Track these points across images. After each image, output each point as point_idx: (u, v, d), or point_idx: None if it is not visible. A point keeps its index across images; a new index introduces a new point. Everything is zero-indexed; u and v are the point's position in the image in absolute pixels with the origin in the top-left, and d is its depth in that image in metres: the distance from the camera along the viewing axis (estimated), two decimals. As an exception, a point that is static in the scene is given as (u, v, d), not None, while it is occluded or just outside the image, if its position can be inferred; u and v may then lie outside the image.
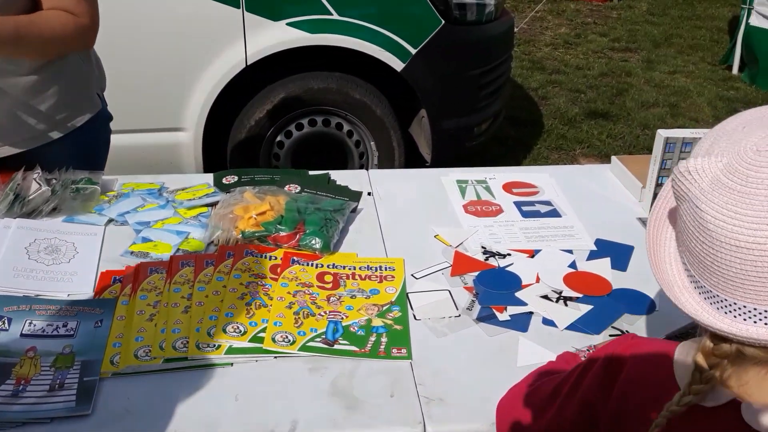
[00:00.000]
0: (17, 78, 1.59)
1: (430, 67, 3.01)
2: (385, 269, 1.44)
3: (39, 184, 1.57)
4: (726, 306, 0.73)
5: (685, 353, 0.83)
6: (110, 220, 1.56)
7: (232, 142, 3.07)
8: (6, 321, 1.19)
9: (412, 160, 3.31)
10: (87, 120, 1.74)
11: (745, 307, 0.72)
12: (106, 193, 1.66)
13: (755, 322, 0.72)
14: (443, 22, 2.95)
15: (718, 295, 0.74)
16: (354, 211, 1.65)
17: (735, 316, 0.73)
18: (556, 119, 4.71)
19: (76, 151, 1.72)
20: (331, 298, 1.34)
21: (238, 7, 2.77)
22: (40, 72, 1.62)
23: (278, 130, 3.08)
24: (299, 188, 1.71)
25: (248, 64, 2.87)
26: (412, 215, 1.66)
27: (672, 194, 0.82)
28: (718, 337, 0.75)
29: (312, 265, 1.44)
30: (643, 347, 0.90)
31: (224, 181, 1.75)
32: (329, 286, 1.38)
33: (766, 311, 0.71)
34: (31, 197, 1.55)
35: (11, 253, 1.38)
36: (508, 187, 1.80)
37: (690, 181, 0.74)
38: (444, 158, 3.19)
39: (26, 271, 1.34)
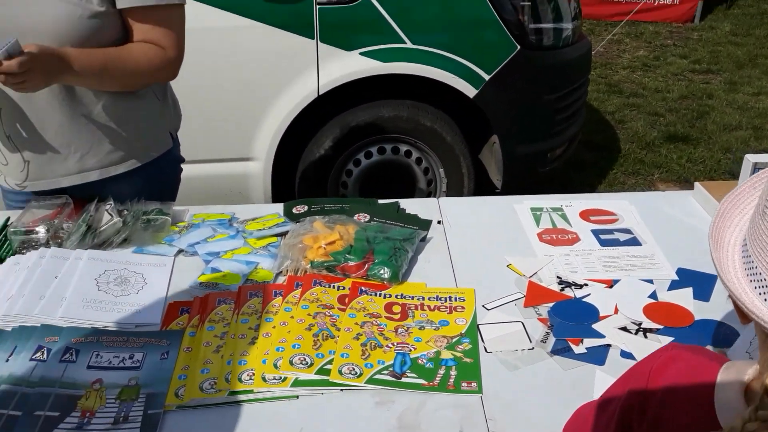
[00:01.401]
0: (94, 106, 1.63)
1: (504, 92, 2.95)
2: (455, 300, 1.39)
3: (110, 215, 1.59)
4: None
5: (733, 375, 0.77)
6: (180, 251, 1.57)
7: (300, 170, 3.09)
8: (74, 353, 1.20)
9: (482, 186, 3.25)
10: (156, 157, 1.77)
11: None
12: (176, 223, 1.67)
13: None
14: (519, 47, 2.90)
15: None
16: (424, 240, 1.61)
17: None
18: (633, 143, 4.56)
19: (145, 186, 1.74)
20: (399, 330, 1.30)
21: (313, 38, 2.80)
22: (118, 102, 1.66)
23: (347, 158, 3.08)
24: (368, 217, 1.68)
25: (320, 93, 2.89)
26: (483, 244, 1.61)
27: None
28: None
29: (380, 295, 1.41)
30: (682, 361, 0.86)
31: (294, 210, 1.74)
32: (397, 317, 1.34)
33: None
34: (102, 228, 1.57)
35: (81, 284, 1.39)
36: (585, 215, 1.72)
37: None
38: (516, 184, 3.11)
39: (95, 302, 1.35)
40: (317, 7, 2.76)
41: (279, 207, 1.79)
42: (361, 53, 2.85)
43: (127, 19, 1.58)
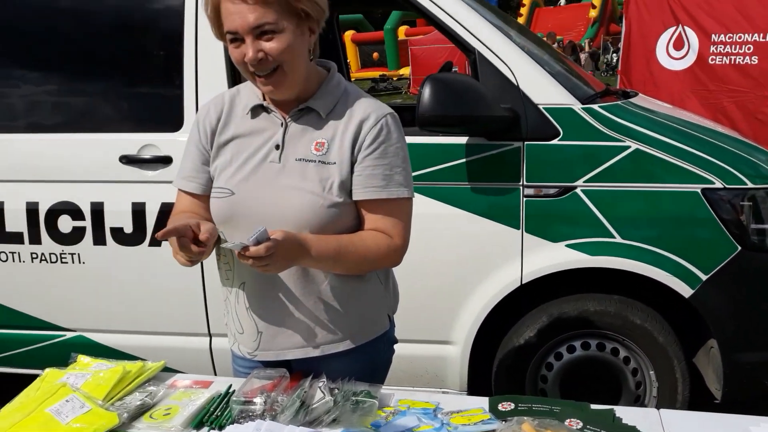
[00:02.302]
0: (324, 286, 1.74)
1: (723, 294, 2.74)
2: None
3: (323, 393, 1.63)
4: None
5: None
6: (385, 438, 1.54)
7: (499, 358, 3.00)
8: None
9: (698, 395, 2.94)
10: (373, 338, 1.82)
11: None
12: (382, 407, 1.66)
13: None
14: (739, 248, 2.72)
15: None
16: (647, 458, 1.45)
17: None
18: None
19: (358, 366, 1.79)
20: None
21: (518, 228, 2.82)
22: (345, 284, 1.76)
23: (548, 350, 2.96)
24: (581, 424, 1.56)
25: (523, 282, 2.85)
26: (719, 472, 1.41)
27: None
28: None
29: None
30: None
31: (500, 407, 1.66)
32: None
33: None
34: (314, 406, 1.61)
35: (293, 463, 1.39)
36: None
37: None
38: (739, 397, 2.79)
39: (305, 484, 1.33)
40: (524, 199, 2.81)
41: (484, 401, 1.72)
42: (567, 245, 2.81)
43: (361, 209, 1.71)
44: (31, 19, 3.21)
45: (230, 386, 1.75)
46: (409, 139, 2.81)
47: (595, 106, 2.84)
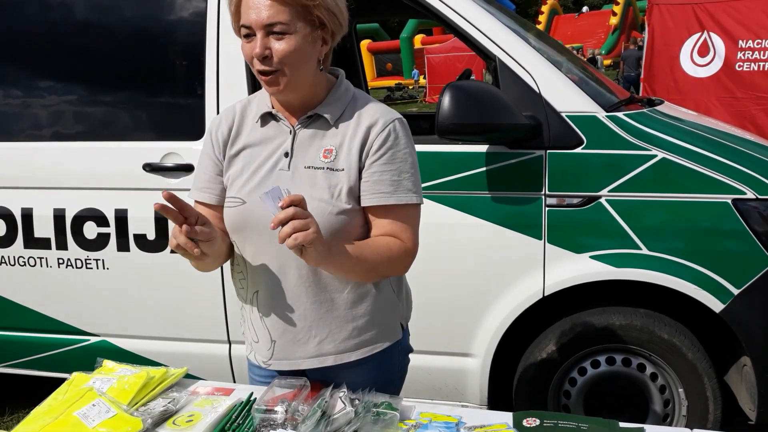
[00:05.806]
0: (337, 294, 1.73)
1: (757, 309, 2.67)
2: None
3: (344, 403, 1.62)
4: None
5: None
6: (409, 452, 1.52)
7: (520, 372, 2.96)
8: None
9: (731, 414, 2.86)
10: (388, 346, 1.81)
11: None
12: (404, 420, 1.63)
13: None
14: (773, 260, 2.65)
15: None
16: (677, 478, 1.41)
17: None
18: None
19: (373, 375, 1.77)
20: None
21: (540, 239, 2.78)
22: (358, 292, 1.74)
23: (572, 365, 2.90)
24: (610, 441, 1.52)
25: (545, 294, 2.81)
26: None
27: None
28: None
29: None
30: None
31: (525, 423, 1.62)
32: None
33: None
34: (335, 416, 1.59)
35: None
36: None
37: None
38: (773, 416, 2.72)
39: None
40: (546, 209, 2.77)
41: (508, 416, 1.68)
42: (591, 256, 2.76)
43: (369, 216, 1.72)
44: (55, 30, 3.25)
45: (251, 394, 1.74)
46: (428, 148, 2.82)
47: (620, 114, 2.79)
